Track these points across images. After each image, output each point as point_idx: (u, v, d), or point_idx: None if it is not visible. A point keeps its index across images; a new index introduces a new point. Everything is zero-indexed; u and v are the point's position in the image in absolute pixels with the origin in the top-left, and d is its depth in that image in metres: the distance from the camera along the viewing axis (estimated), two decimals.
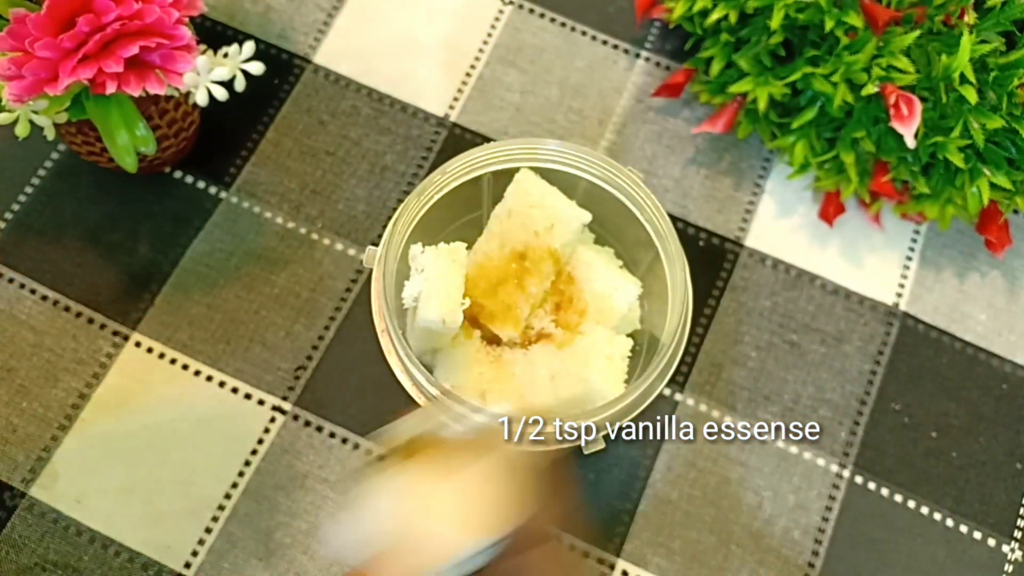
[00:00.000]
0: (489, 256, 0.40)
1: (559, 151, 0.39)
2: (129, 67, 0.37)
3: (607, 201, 0.40)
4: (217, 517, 0.41)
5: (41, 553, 0.40)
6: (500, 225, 0.40)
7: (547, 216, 0.39)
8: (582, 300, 0.40)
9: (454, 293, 0.37)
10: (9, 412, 0.43)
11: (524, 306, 0.39)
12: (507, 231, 0.39)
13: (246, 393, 0.44)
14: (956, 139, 0.41)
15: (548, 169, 0.40)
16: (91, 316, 0.44)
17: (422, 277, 0.37)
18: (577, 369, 0.38)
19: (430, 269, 0.37)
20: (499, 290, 0.39)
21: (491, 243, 0.40)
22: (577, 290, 0.40)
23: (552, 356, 0.39)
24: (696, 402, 0.44)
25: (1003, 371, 0.46)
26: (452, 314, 0.37)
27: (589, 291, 0.40)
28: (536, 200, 0.39)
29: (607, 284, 0.40)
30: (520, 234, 0.39)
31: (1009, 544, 0.43)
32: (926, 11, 0.42)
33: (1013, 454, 0.44)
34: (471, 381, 0.39)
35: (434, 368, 0.40)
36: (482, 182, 0.40)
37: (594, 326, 0.40)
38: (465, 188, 0.39)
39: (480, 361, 0.39)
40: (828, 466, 0.44)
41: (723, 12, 0.45)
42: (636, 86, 0.51)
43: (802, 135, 0.46)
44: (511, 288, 0.39)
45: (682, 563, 0.42)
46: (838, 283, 0.47)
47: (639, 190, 0.38)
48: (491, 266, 0.39)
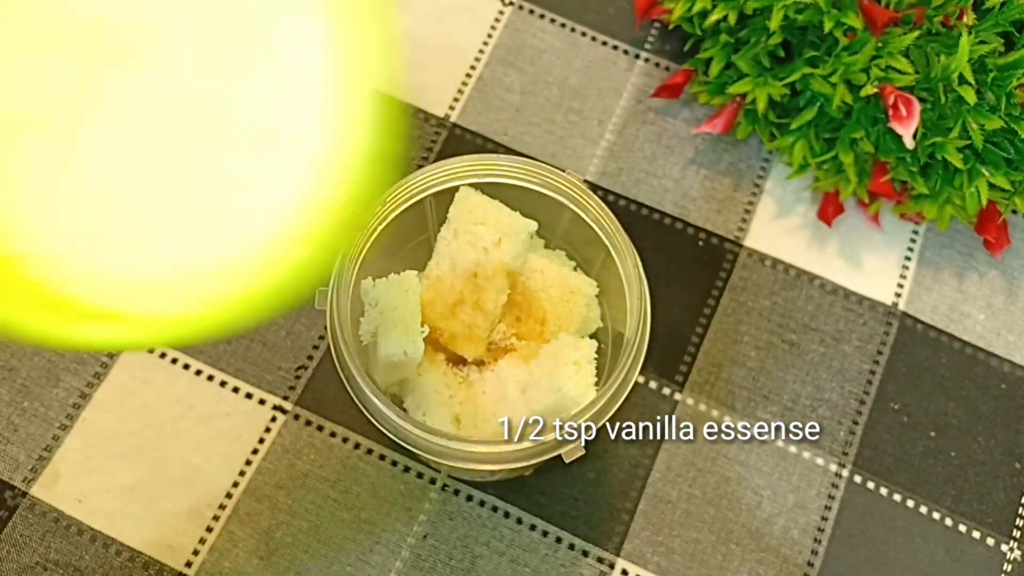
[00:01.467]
0: (441, 279, 0.39)
1: (496, 164, 0.38)
2: None
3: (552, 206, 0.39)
4: (218, 516, 0.41)
5: (42, 552, 0.40)
6: (448, 246, 0.39)
7: (494, 231, 0.38)
8: (540, 308, 0.40)
9: (412, 323, 0.37)
10: (10, 411, 0.43)
11: (484, 324, 0.39)
12: (456, 251, 0.39)
13: (247, 393, 0.44)
14: (955, 139, 0.42)
15: (489, 184, 0.39)
16: None
17: (376, 311, 0.37)
18: (546, 379, 0.38)
19: (383, 302, 0.37)
20: (456, 311, 0.38)
21: (441, 265, 0.39)
22: (534, 299, 0.40)
23: (520, 370, 0.39)
24: (696, 402, 0.45)
25: (1002, 371, 0.46)
26: (413, 344, 0.36)
27: (546, 298, 0.40)
28: (480, 217, 0.39)
29: (563, 288, 0.40)
30: (469, 253, 0.39)
31: (1008, 543, 0.43)
32: (925, 12, 0.42)
33: (1012, 453, 0.44)
34: (442, 407, 0.38)
35: (403, 399, 0.39)
36: (424, 205, 0.40)
37: (556, 333, 0.39)
38: (409, 214, 0.39)
39: (449, 385, 0.39)
40: (827, 465, 0.44)
41: (722, 13, 0.45)
42: (636, 87, 0.51)
43: (801, 135, 0.46)
44: (468, 308, 0.38)
45: (681, 562, 0.42)
46: (837, 283, 0.47)
47: (582, 193, 0.38)
48: (445, 288, 0.39)
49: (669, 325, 0.46)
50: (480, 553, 0.41)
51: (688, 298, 0.47)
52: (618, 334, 0.40)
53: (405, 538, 0.42)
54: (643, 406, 0.44)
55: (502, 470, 0.35)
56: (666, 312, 0.46)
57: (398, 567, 0.41)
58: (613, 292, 0.40)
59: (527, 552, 0.42)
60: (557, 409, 0.37)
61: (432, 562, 0.41)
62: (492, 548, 0.42)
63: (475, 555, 0.41)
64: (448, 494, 0.42)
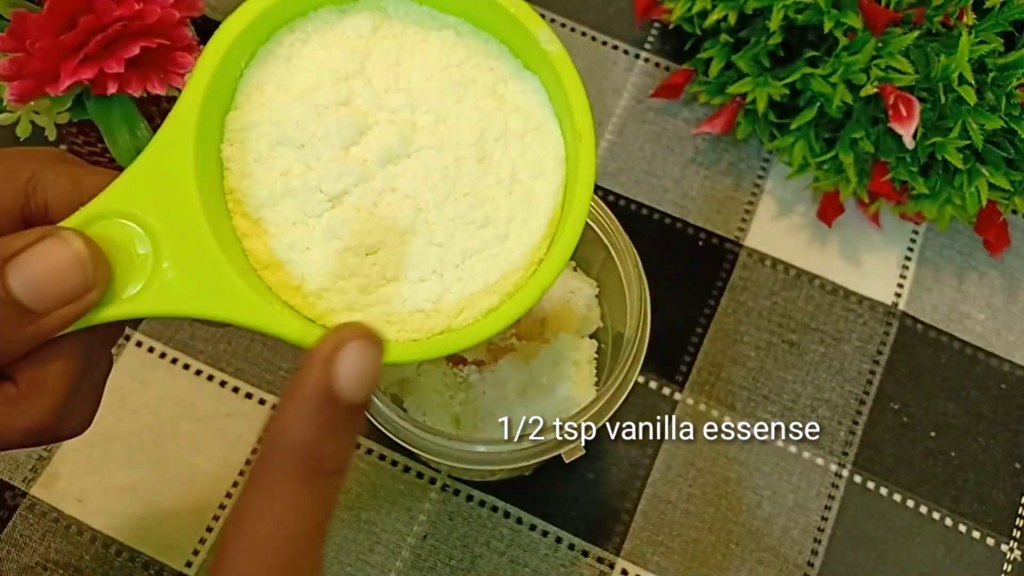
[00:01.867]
0: None
1: None
2: (130, 68, 0.37)
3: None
4: (218, 516, 0.41)
5: (42, 552, 0.40)
6: None
7: None
8: (540, 309, 0.40)
9: None
10: None
11: None
12: None
13: (247, 393, 0.44)
14: (955, 139, 0.42)
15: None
16: None
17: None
18: (546, 380, 0.38)
19: None
20: None
21: None
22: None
23: (519, 370, 0.39)
24: (696, 402, 0.45)
25: (1002, 371, 0.46)
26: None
27: (546, 299, 0.40)
28: None
29: (563, 289, 0.40)
30: None
31: (1008, 543, 0.43)
32: (925, 12, 0.42)
33: (1012, 453, 0.44)
34: (442, 407, 0.38)
35: (403, 399, 0.39)
36: None
37: (556, 333, 0.39)
38: None
39: (449, 385, 0.39)
40: (827, 465, 0.44)
41: (722, 13, 0.45)
42: (635, 87, 0.51)
43: (801, 135, 0.46)
44: None
45: (681, 562, 0.42)
46: (837, 283, 0.47)
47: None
48: None
49: (669, 325, 0.46)
50: (480, 553, 0.41)
51: (688, 298, 0.47)
52: (618, 334, 0.40)
53: (405, 538, 0.42)
54: (643, 406, 0.44)
55: (502, 470, 0.35)
56: (666, 312, 0.45)
57: (398, 567, 0.41)
58: (613, 292, 0.40)
59: (527, 552, 0.42)
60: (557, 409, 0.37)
61: (432, 562, 0.41)
62: (492, 548, 0.42)
63: (475, 555, 0.41)
64: (448, 494, 0.42)
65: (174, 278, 0.23)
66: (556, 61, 0.25)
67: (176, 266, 0.23)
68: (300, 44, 0.26)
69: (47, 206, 0.23)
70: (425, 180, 0.25)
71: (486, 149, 0.26)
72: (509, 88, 0.26)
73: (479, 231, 0.26)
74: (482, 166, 0.26)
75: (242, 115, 0.25)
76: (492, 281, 0.25)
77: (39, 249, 0.21)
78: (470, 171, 0.26)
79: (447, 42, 0.26)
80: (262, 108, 0.25)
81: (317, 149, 0.25)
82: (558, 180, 0.26)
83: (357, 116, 0.25)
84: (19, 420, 0.22)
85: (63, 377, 0.22)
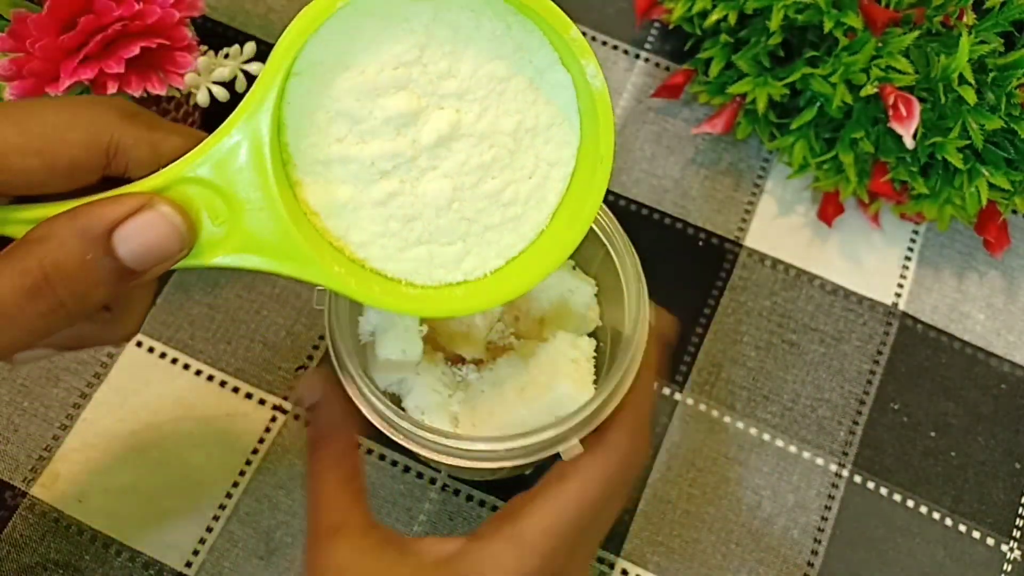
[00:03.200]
0: None
1: None
2: (130, 68, 0.37)
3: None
4: (218, 516, 0.41)
5: (43, 552, 0.40)
6: None
7: None
8: (539, 308, 0.40)
9: (410, 323, 0.37)
10: (11, 412, 0.43)
11: (482, 323, 0.39)
12: None
13: (247, 392, 0.44)
14: (955, 139, 0.42)
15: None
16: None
17: (375, 311, 0.37)
18: (544, 378, 0.38)
19: None
20: None
21: None
22: (532, 298, 0.40)
23: (518, 369, 0.39)
24: (696, 402, 0.45)
25: (1002, 371, 0.46)
26: (411, 343, 0.37)
27: (545, 297, 0.40)
28: None
29: (561, 287, 0.40)
30: None
31: (1008, 543, 0.43)
32: (925, 12, 0.42)
33: (1012, 453, 0.44)
34: (441, 406, 0.38)
35: (402, 398, 0.39)
36: None
37: (555, 332, 0.39)
38: None
39: (447, 384, 0.39)
40: (827, 465, 0.44)
41: (722, 13, 0.45)
42: (636, 87, 0.51)
43: (801, 135, 0.46)
44: None
45: (681, 562, 0.42)
46: (837, 283, 0.47)
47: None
48: None
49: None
50: None
51: (688, 298, 0.47)
52: (617, 333, 0.40)
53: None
54: None
55: (502, 469, 0.35)
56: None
57: None
58: (612, 291, 0.40)
59: None
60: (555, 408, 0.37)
61: None
62: None
63: None
64: (448, 494, 0.42)
65: (247, 234, 0.27)
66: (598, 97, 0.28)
67: (250, 221, 0.26)
68: (364, 19, 0.27)
69: (127, 167, 0.26)
70: (464, 164, 0.28)
71: (519, 139, 0.29)
72: (545, 81, 0.29)
73: (502, 209, 0.30)
74: (513, 154, 0.29)
75: (303, 83, 0.27)
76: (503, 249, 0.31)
77: (143, 221, 0.25)
78: (503, 158, 0.29)
79: (497, 33, 0.28)
80: (324, 80, 0.27)
81: (373, 128, 0.27)
82: (570, 169, 0.30)
83: (412, 102, 0.27)
84: (115, 334, 0.29)
85: (144, 302, 0.30)
